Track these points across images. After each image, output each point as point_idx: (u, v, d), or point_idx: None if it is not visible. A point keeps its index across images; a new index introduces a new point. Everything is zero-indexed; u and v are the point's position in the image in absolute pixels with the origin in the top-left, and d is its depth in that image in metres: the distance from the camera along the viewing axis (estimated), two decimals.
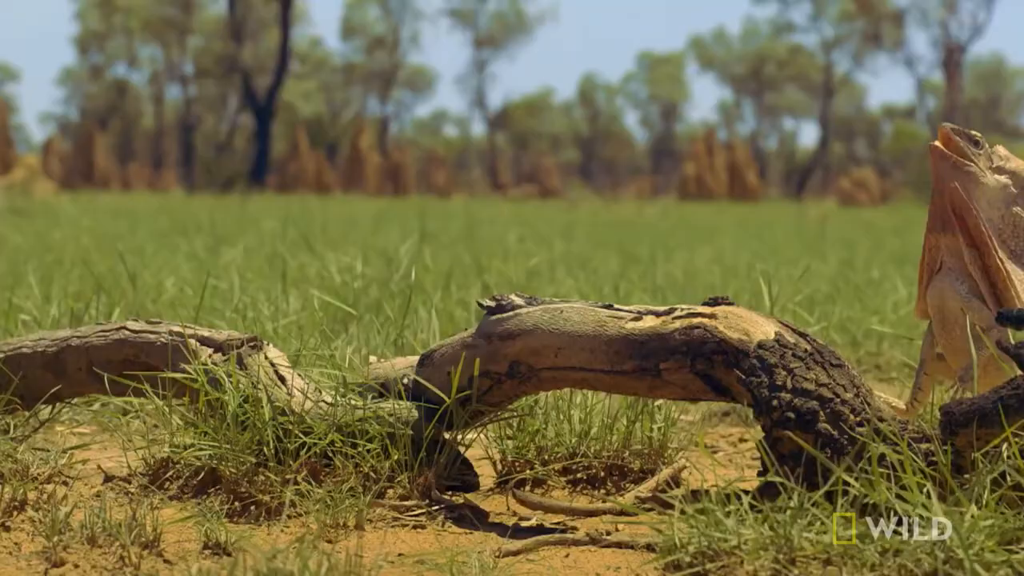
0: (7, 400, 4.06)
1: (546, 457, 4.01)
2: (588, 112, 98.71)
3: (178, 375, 3.84)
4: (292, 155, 67.02)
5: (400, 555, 3.23)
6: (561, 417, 4.07)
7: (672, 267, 11.38)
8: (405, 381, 3.82)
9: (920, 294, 3.57)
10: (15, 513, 3.41)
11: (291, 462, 3.63)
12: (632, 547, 3.26)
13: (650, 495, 3.75)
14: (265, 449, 3.65)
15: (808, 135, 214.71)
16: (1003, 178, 3.46)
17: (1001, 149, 3.52)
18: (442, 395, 3.72)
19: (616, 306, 3.68)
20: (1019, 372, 3.17)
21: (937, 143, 3.46)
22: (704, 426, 5.14)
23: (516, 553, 3.24)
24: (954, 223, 3.45)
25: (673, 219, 31.19)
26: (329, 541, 3.31)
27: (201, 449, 3.69)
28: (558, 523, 3.61)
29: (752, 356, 3.40)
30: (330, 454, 3.68)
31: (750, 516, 2.96)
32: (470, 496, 3.83)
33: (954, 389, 3.60)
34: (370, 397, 3.81)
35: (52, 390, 4.06)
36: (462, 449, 3.87)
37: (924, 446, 3.23)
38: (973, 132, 3.49)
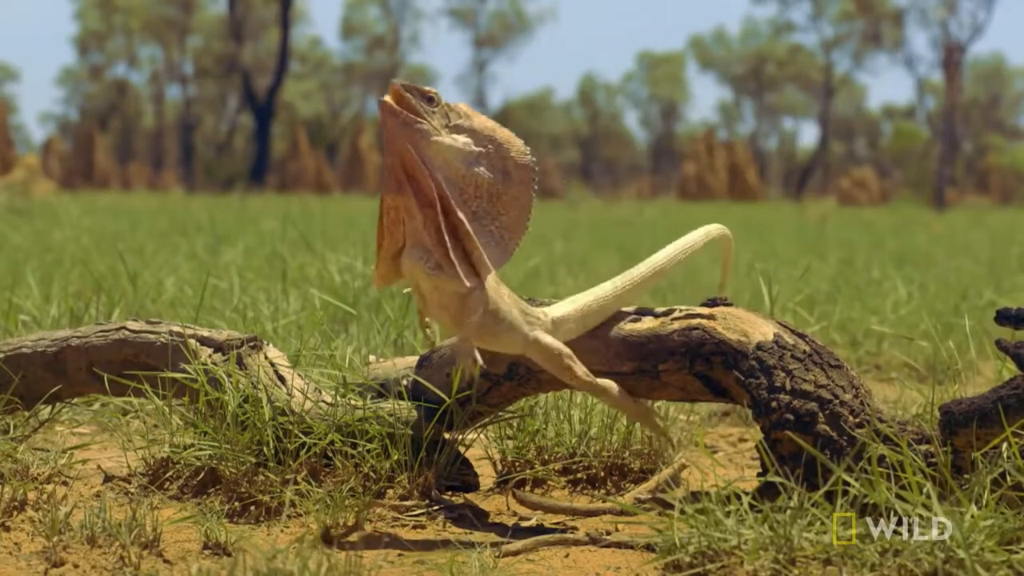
0: (7, 400, 4.06)
1: (546, 457, 4.02)
2: (588, 112, 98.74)
3: (178, 375, 3.84)
4: (292, 155, 67.04)
5: (400, 555, 3.23)
6: (561, 417, 4.07)
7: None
8: (405, 382, 3.82)
9: (377, 259, 3.33)
10: (15, 513, 3.41)
11: (291, 462, 3.63)
12: (632, 547, 3.26)
13: (650, 495, 3.75)
14: (265, 449, 3.65)
15: (808, 135, 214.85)
16: (462, 137, 3.24)
17: (462, 106, 3.30)
18: (442, 395, 3.72)
19: None
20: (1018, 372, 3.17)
21: (387, 98, 3.20)
22: (704, 426, 5.14)
23: (516, 553, 3.24)
24: (407, 184, 3.22)
25: (673, 219, 31.18)
26: (329, 541, 3.31)
27: (201, 449, 3.69)
28: (558, 523, 3.61)
29: (751, 357, 3.40)
30: (330, 454, 3.68)
31: (750, 516, 2.96)
32: (470, 496, 3.83)
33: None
34: (370, 397, 3.81)
35: (52, 390, 4.06)
36: (462, 449, 3.87)
37: (924, 446, 3.23)
38: (428, 88, 3.24)
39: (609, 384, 3.52)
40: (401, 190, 3.20)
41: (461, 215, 3.21)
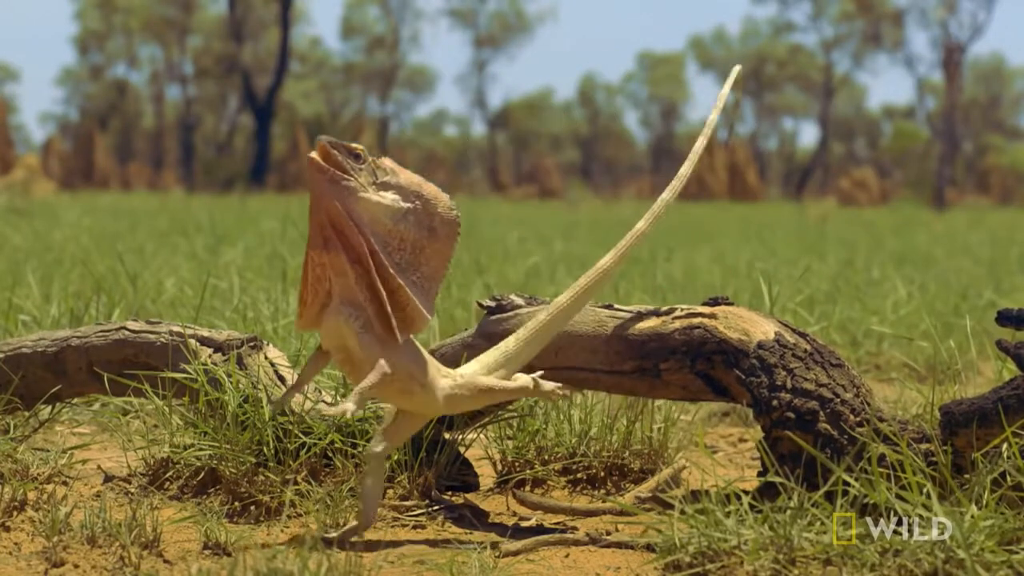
0: (7, 400, 4.06)
1: (546, 457, 4.02)
2: (588, 112, 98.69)
3: (178, 375, 3.84)
4: (292, 155, 67.00)
5: (400, 555, 3.23)
6: (561, 417, 4.07)
7: (672, 267, 11.38)
8: None
9: (302, 311, 3.22)
10: (15, 513, 3.41)
11: (291, 462, 3.63)
12: (632, 547, 3.26)
13: (650, 495, 3.75)
14: (265, 449, 3.65)
15: (808, 135, 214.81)
16: (389, 193, 3.20)
17: (387, 162, 3.26)
18: None
19: (616, 306, 3.69)
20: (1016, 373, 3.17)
21: (314, 155, 3.16)
22: (704, 426, 5.14)
23: (516, 553, 3.24)
24: (336, 241, 3.17)
25: (673, 219, 31.18)
26: (329, 541, 3.30)
27: (201, 449, 3.69)
28: (558, 523, 3.61)
29: (752, 356, 3.41)
30: (330, 454, 3.68)
31: (750, 516, 2.96)
32: (470, 496, 3.83)
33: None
34: None
35: (52, 390, 4.06)
36: (462, 449, 3.87)
37: (924, 446, 3.23)
38: (355, 145, 3.21)
39: (523, 377, 3.43)
40: (328, 247, 3.16)
41: (391, 270, 3.18)
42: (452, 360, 3.73)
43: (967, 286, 9.78)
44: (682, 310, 3.60)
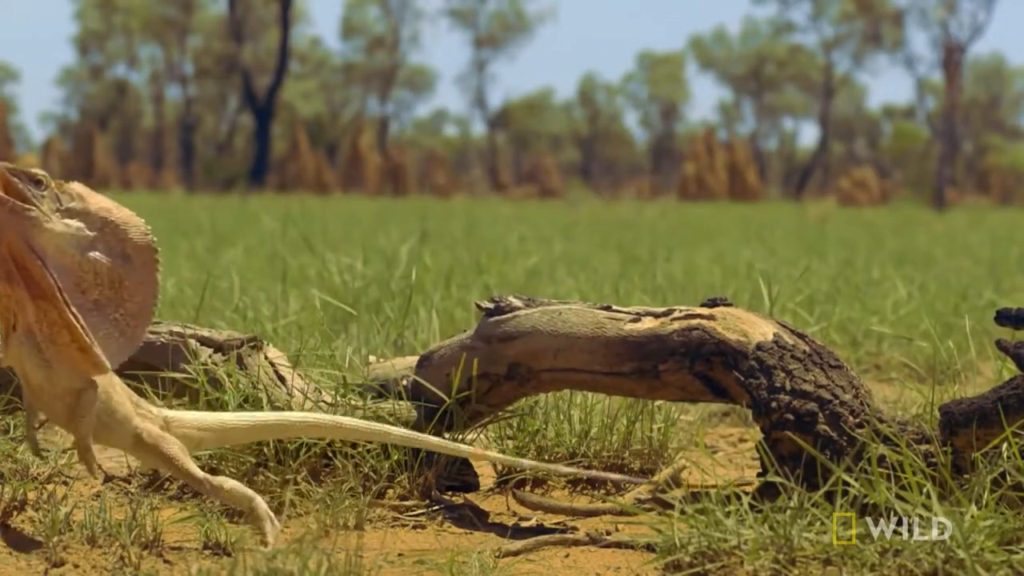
0: (7, 400, 4.06)
1: (546, 457, 4.02)
2: (588, 112, 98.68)
3: (178, 375, 3.84)
4: (292, 155, 67.01)
5: (400, 555, 3.23)
6: (561, 417, 4.07)
7: (672, 267, 11.38)
8: (404, 382, 3.83)
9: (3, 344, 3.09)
10: (15, 513, 3.41)
11: (291, 462, 3.63)
12: (632, 547, 3.26)
13: (650, 495, 3.75)
14: (265, 449, 3.65)
15: (808, 135, 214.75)
16: (75, 221, 3.04)
17: (76, 187, 3.10)
18: (442, 395, 3.72)
19: (615, 307, 3.69)
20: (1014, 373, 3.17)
21: None
22: (704, 426, 5.14)
23: (516, 553, 3.24)
24: (17, 275, 2.99)
25: (673, 219, 31.16)
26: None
27: None
28: (558, 523, 3.61)
29: (751, 358, 3.41)
30: (330, 454, 3.68)
31: (750, 516, 2.96)
32: (470, 496, 3.83)
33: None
34: (370, 397, 3.82)
35: None
36: None
37: (924, 447, 3.23)
38: (36, 171, 3.04)
39: (222, 481, 3.24)
40: (11, 281, 3.02)
41: (74, 310, 3.03)
42: (451, 361, 3.74)
43: (967, 286, 9.78)
44: (680, 311, 3.60)
